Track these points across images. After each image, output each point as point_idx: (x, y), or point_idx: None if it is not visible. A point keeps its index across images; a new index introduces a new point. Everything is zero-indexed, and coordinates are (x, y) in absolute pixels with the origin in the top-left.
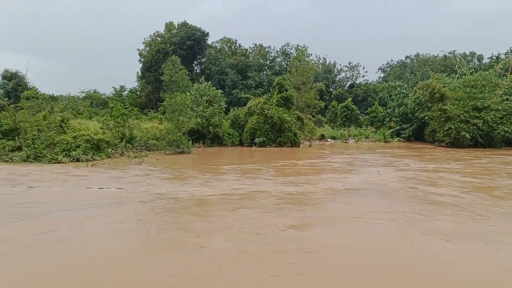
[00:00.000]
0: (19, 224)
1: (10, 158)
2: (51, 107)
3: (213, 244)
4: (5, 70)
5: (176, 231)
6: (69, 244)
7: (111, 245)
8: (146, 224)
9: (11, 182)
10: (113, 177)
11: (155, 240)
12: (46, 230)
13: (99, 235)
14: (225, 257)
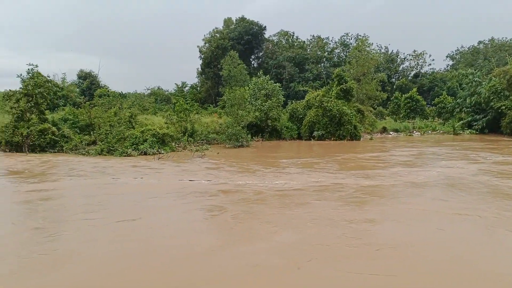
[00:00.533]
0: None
1: (87, 152)
2: (121, 104)
3: (287, 236)
4: (80, 70)
5: (254, 221)
6: (160, 231)
7: (194, 235)
8: (227, 213)
9: (105, 174)
10: (187, 170)
11: (234, 229)
12: (149, 217)
13: (188, 223)
14: (302, 250)
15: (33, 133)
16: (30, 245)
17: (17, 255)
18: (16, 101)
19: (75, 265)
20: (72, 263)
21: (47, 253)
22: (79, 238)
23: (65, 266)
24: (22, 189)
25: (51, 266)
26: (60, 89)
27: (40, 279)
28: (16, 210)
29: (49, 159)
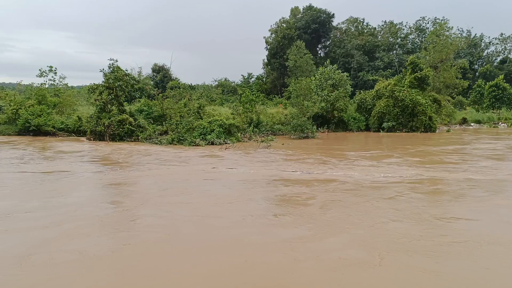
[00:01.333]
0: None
1: (159, 141)
2: (190, 95)
3: (368, 228)
4: (154, 64)
5: (344, 210)
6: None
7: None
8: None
9: (199, 163)
10: (265, 161)
11: (321, 219)
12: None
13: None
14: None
15: (113, 123)
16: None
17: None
18: (99, 94)
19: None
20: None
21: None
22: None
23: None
24: (135, 175)
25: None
26: (136, 82)
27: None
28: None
29: (137, 148)
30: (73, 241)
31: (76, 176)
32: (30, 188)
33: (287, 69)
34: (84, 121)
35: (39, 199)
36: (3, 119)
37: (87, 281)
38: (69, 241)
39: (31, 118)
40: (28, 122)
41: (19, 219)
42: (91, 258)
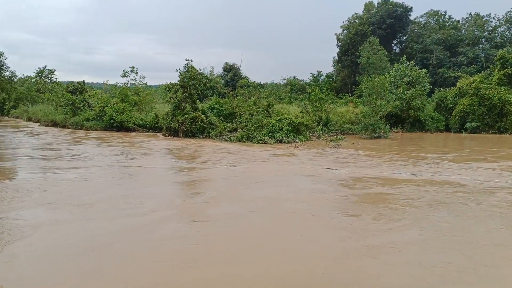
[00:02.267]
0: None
1: (229, 138)
2: (259, 94)
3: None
4: (225, 63)
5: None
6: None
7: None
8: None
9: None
10: (354, 161)
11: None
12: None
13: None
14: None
15: (187, 120)
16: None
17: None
18: (174, 92)
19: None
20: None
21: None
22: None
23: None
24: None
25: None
26: (209, 81)
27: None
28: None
29: (216, 145)
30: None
31: (176, 172)
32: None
33: (359, 67)
34: (161, 118)
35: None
36: (92, 115)
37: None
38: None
39: (115, 115)
40: (113, 118)
41: (128, 208)
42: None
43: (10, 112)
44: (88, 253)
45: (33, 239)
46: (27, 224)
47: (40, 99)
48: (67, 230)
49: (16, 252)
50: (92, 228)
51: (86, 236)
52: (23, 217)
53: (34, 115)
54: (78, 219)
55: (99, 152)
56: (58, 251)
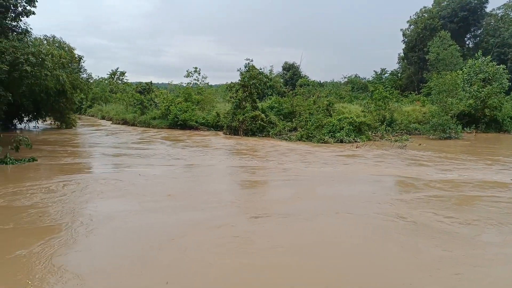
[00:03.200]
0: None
1: (289, 137)
2: (319, 93)
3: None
4: (285, 62)
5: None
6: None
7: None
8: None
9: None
10: (441, 163)
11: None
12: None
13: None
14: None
15: (247, 119)
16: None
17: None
18: (235, 92)
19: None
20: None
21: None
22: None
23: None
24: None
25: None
26: (269, 80)
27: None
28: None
29: (279, 144)
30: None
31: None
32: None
33: (427, 63)
34: (222, 117)
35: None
36: (158, 114)
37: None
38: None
39: (179, 113)
40: (177, 117)
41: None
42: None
43: (86, 111)
44: (156, 243)
45: (107, 229)
46: (103, 215)
47: (112, 98)
48: (139, 222)
49: (92, 242)
50: (160, 220)
51: (155, 228)
52: (100, 208)
53: (107, 113)
54: (148, 211)
55: (168, 150)
56: (130, 242)
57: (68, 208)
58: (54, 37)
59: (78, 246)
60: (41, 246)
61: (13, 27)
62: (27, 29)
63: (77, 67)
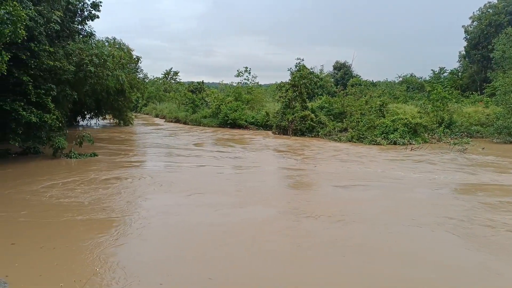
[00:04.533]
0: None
1: (338, 138)
2: (372, 93)
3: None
4: (336, 62)
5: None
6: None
7: None
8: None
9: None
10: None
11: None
12: None
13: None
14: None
15: (296, 119)
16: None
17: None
18: (285, 91)
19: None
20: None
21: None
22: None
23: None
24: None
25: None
26: (319, 79)
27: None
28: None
29: (329, 145)
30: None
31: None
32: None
33: (492, 62)
34: (271, 116)
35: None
36: (209, 113)
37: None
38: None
39: (229, 112)
40: (227, 116)
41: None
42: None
43: (142, 109)
44: (199, 236)
45: (161, 222)
46: (158, 208)
47: (166, 97)
48: (188, 216)
49: (148, 233)
50: (206, 216)
51: (198, 222)
52: (155, 202)
53: (160, 112)
54: (196, 206)
55: (227, 150)
56: (183, 235)
57: (126, 201)
58: (115, 39)
59: (135, 237)
60: (103, 236)
61: (79, 30)
62: (91, 32)
63: (135, 68)
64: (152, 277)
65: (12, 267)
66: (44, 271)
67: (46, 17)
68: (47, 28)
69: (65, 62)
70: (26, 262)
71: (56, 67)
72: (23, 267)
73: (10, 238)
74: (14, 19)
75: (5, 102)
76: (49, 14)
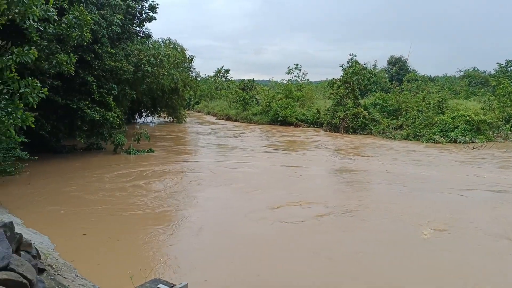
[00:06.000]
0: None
1: (393, 136)
2: (429, 88)
3: None
4: (390, 57)
5: None
6: None
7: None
8: None
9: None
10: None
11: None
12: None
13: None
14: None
15: (348, 116)
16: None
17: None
18: (336, 88)
19: None
20: None
21: None
22: None
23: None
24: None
25: None
26: (373, 75)
27: None
28: None
29: (386, 143)
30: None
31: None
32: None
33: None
34: (322, 113)
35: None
36: (259, 110)
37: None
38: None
39: (279, 110)
40: (277, 113)
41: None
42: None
43: (194, 107)
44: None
45: (214, 216)
46: (211, 202)
47: (217, 95)
48: (242, 213)
49: (203, 225)
50: (262, 213)
51: (252, 219)
52: (210, 195)
53: (212, 109)
54: (250, 203)
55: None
56: (233, 230)
57: (183, 195)
58: (169, 39)
59: (191, 231)
60: (161, 228)
61: (137, 32)
62: (149, 34)
63: (188, 67)
64: (204, 271)
65: (79, 255)
66: (108, 260)
67: (109, 20)
68: (109, 30)
69: (125, 63)
70: (93, 249)
71: (117, 68)
72: (91, 255)
73: (82, 230)
74: (81, 23)
75: (72, 101)
76: (111, 17)
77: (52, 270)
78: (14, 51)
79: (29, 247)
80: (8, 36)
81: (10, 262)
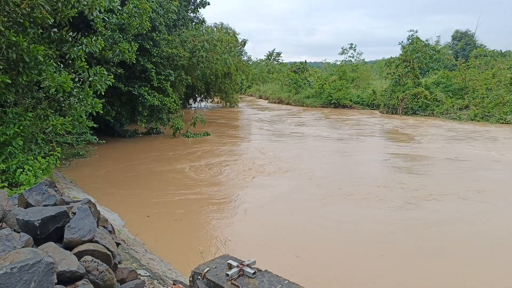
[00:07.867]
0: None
1: (458, 116)
2: (500, 64)
3: None
4: (455, 31)
5: None
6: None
7: None
8: None
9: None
10: None
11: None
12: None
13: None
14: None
15: (408, 96)
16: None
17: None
18: (395, 67)
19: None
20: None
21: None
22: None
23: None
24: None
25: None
26: (435, 52)
27: None
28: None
29: (450, 125)
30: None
31: None
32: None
33: None
34: (378, 94)
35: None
36: (312, 93)
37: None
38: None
39: (333, 92)
40: (330, 95)
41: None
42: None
43: (246, 91)
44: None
45: (268, 200)
46: (266, 187)
47: (269, 79)
48: (294, 198)
49: (261, 214)
50: (313, 200)
51: (303, 205)
52: (264, 182)
53: (264, 93)
54: (304, 190)
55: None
56: (283, 214)
57: (239, 179)
58: (222, 24)
59: (246, 214)
60: (218, 211)
61: (192, 18)
62: (203, 19)
63: (240, 51)
64: (255, 252)
65: (144, 232)
66: (173, 238)
67: (165, 7)
68: (166, 18)
69: (181, 49)
70: (157, 229)
71: (174, 54)
72: (155, 233)
73: (147, 210)
74: (140, 12)
75: (133, 88)
76: (167, 4)
77: (125, 244)
78: (84, 42)
79: (106, 223)
80: (77, 28)
81: (95, 235)
